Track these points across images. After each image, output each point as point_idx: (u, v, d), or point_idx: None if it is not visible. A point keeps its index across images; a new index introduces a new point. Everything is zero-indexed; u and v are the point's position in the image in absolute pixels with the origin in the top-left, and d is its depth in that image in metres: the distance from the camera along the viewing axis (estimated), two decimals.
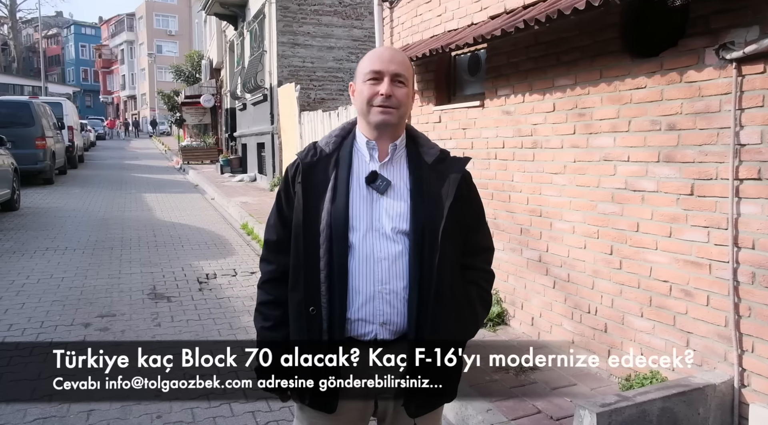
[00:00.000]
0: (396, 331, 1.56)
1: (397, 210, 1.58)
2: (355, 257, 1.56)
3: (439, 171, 1.62)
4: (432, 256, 1.55)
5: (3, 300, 5.06)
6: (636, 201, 3.26)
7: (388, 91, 1.55)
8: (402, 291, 1.55)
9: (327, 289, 1.55)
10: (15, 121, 12.50)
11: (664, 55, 3.06)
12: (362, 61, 1.65)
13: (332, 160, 1.62)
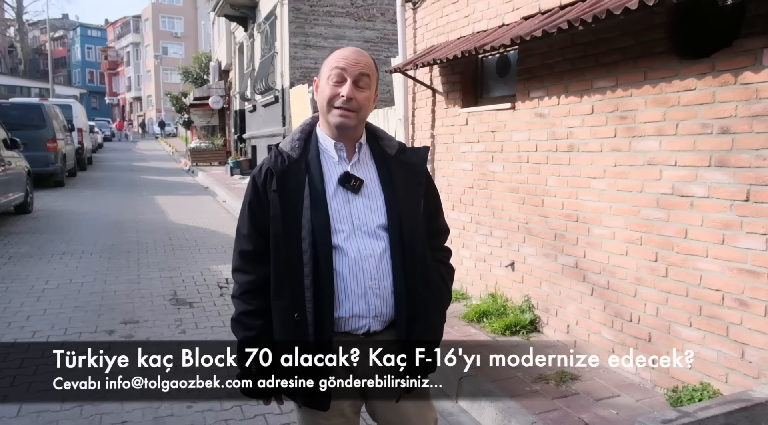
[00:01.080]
0: (385, 321, 1.64)
1: (373, 206, 1.64)
2: (342, 259, 1.59)
3: (402, 161, 1.70)
4: (413, 246, 1.63)
5: (24, 306, 4.99)
6: (684, 207, 3.16)
7: (349, 94, 1.58)
8: (390, 284, 1.62)
9: (312, 295, 1.58)
10: (26, 123, 12.44)
11: (716, 56, 2.96)
12: (327, 59, 1.65)
13: (302, 165, 1.63)
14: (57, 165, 13.16)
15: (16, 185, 9.26)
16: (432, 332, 1.70)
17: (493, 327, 4.31)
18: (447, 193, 5.44)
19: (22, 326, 4.52)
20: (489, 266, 4.88)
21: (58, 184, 13.41)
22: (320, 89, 1.63)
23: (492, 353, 3.91)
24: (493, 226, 4.80)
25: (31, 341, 4.22)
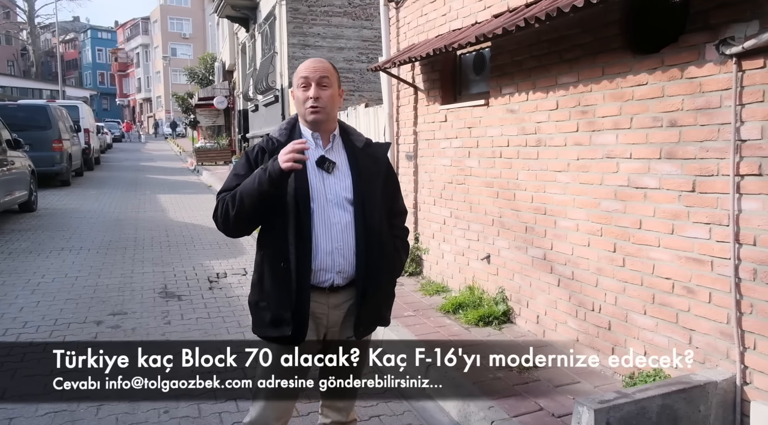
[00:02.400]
0: (347, 278, 2.01)
1: (342, 184, 2.01)
2: (315, 222, 1.96)
3: (368, 153, 2.08)
4: (372, 220, 2.00)
5: (18, 299, 5.17)
6: (638, 198, 3.26)
7: (315, 94, 1.96)
8: (352, 247, 1.99)
9: (294, 248, 1.92)
10: (32, 124, 12.70)
11: (665, 51, 3.06)
12: (296, 72, 2.04)
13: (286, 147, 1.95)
14: (62, 165, 13.41)
15: (20, 184, 9.49)
16: (382, 291, 2.08)
17: (468, 319, 4.43)
18: (429, 189, 5.56)
19: (14, 317, 4.70)
20: (467, 259, 4.99)
21: (64, 184, 13.67)
22: (295, 96, 2.03)
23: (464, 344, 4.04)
24: (470, 220, 4.91)
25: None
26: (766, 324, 2.61)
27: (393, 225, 2.14)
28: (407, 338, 4.13)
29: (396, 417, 3.23)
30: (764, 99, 2.59)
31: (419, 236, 5.78)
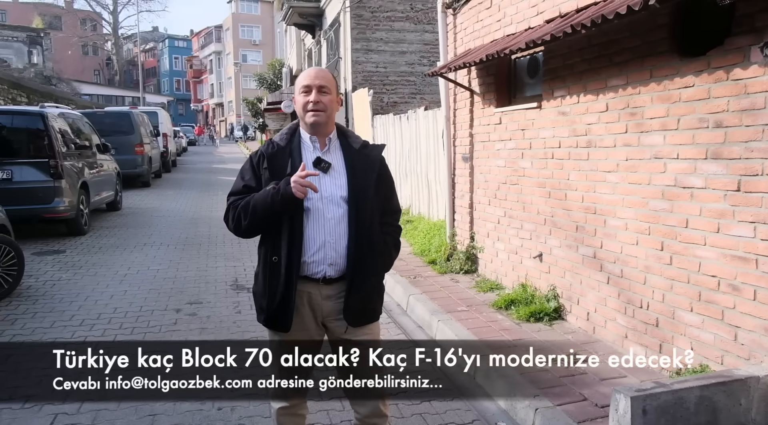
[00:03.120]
0: (339, 270, 2.16)
1: (338, 183, 2.16)
2: (310, 218, 2.12)
3: (364, 154, 2.23)
4: (363, 216, 2.15)
5: (109, 288, 5.74)
6: (685, 197, 3.33)
7: (315, 99, 2.13)
8: (344, 241, 2.14)
9: (287, 243, 2.10)
10: (117, 129, 13.69)
11: (711, 54, 3.12)
12: (298, 78, 2.21)
13: (287, 150, 2.19)
14: (144, 167, 14.38)
15: (108, 185, 10.33)
16: (369, 282, 2.21)
17: (519, 315, 4.57)
18: (484, 189, 5.73)
19: (105, 303, 5.24)
20: (520, 258, 5.13)
21: (145, 185, 14.64)
22: (296, 101, 2.20)
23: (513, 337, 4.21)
24: (523, 220, 5.04)
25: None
26: None
27: (386, 223, 2.27)
28: (459, 331, 4.33)
29: (445, 402, 3.44)
30: None
31: (474, 235, 5.95)
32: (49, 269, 6.53)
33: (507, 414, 3.37)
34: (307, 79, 2.15)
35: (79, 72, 48.05)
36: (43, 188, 7.85)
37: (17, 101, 15.84)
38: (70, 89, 32.85)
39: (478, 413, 3.36)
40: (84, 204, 8.71)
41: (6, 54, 35.45)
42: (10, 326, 4.70)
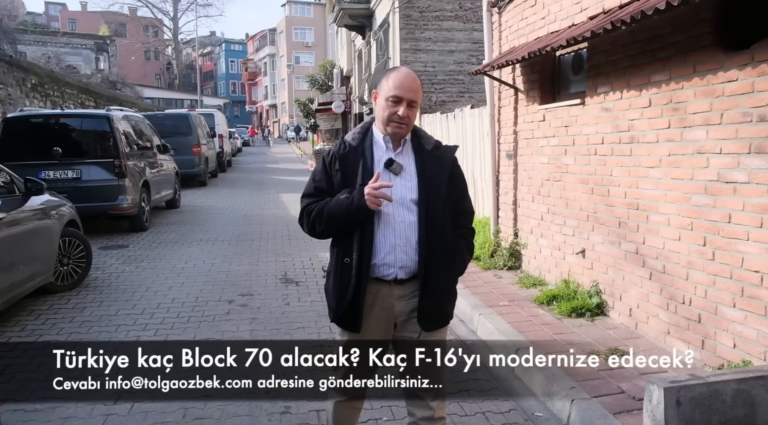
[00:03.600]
0: (409, 273, 2.15)
1: (408, 185, 2.15)
2: (381, 221, 2.11)
3: (436, 155, 2.20)
4: (434, 219, 2.13)
5: (168, 280, 6.09)
6: (728, 192, 3.30)
7: (404, 114, 2.10)
8: (414, 244, 2.13)
9: (358, 245, 2.11)
10: (176, 131, 14.31)
11: (755, 47, 3.10)
12: (387, 81, 2.14)
13: (358, 151, 2.17)
14: (200, 167, 14.97)
15: (167, 184, 10.85)
16: (442, 286, 2.18)
17: (560, 310, 4.60)
18: (528, 186, 5.76)
19: (164, 294, 5.57)
20: (563, 254, 5.14)
21: (201, 184, 15.23)
22: (381, 105, 2.15)
23: (553, 331, 4.26)
24: (566, 216, 5.06)
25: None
26: None
27: (458, 225, 2.23)
28: (500, 325, 4.40)
29: (483, 392, 3.52)
30: None
31: (518, 232, 5.99)
32: (113, 262, 6.96)
33: (544, 404, 3.43)
34: (400, 90, 2.10)
35: (141, 76, 50.19)
36: (109, 186, 8.35)
37: (86, 105, 16.78)
38: (133, 93, 34.38)
39: (515, 403, 3.44)
40: (145, 201, 9.19)
41: (76, 61, 37.44)
42: (79, 313, 5.08)
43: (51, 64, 27.10)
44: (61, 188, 7.19)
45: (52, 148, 8.06)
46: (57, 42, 38.92)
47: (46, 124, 8.68)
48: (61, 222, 5.72)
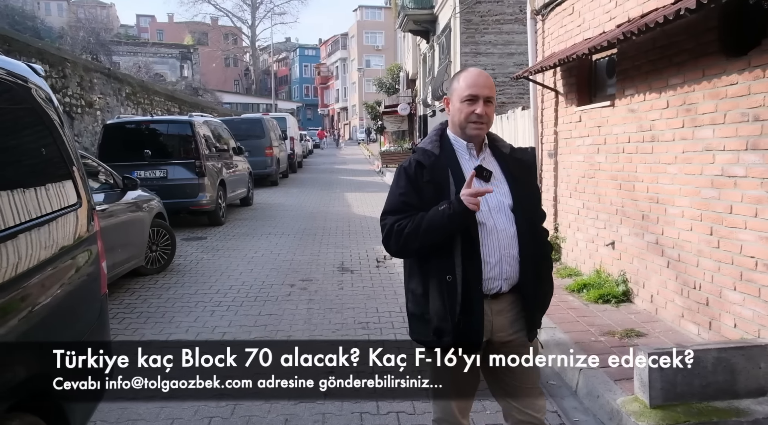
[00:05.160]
0: (511, 284, 2.03)
1: (501, 191, 2.05)
2: (484, 232, 1.99)
3: (515, 158, 2.12)
4: (532, 224, 2.06)
5: (239, 266, 6.88)
6: (730, 186, 3.61)
7: (482, 112, 2.00)
8: (516, 253, 2.02)
9: (461, 261, 1.96)
10: (251, 133, 15.36)
11: (751, 54, 3.40)
12: (459, 82, 2.05)
13: (442, 159, 2.05)
14: (272, 168, 15.98)
15: (241, 183, 11.82)
16: (548, 295, 2.16)
17: (588, 296, 4.96)
18: (566, 183, 6.11)
19: (236, 278, 6.34)
20: (596, 246, 5.47)
21: (273, 184, 16.25)
22: (456, 108, 2.05)
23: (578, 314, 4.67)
24: (599, 211, 5.39)
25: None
26: None
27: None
28: None
29: None
30: None
31: (558, 226, 6.34)
32: (194, 251, 7.86)
33: (558, 375, 3.85)
34: (474, 88, 2.00)
35: (221, 82, 52.91)
36: (190, 185, 9.32)
37: (171, 111, 18.26)
38: (213, 98, 36.48)
39: None
40: (222, 199, 10.14)
41: (162, 69, 40.21)
42: (165, 291, 5.92)
43: (141, 72, 29.38)
44: (150, 186, 8.17)
45: (143, 150, 9.12)
46: (146, 52, 41.90)
47: (138, 129, 9.81)
48: (151, 214, 6.62)
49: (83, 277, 2.32)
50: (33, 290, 1.92)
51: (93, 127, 12.32)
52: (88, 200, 2.53)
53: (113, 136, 9.35)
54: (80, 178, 2.49)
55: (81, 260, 2.31)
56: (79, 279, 2.28)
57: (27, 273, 1.88)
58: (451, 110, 2.10)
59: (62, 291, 2.10)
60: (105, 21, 43.14)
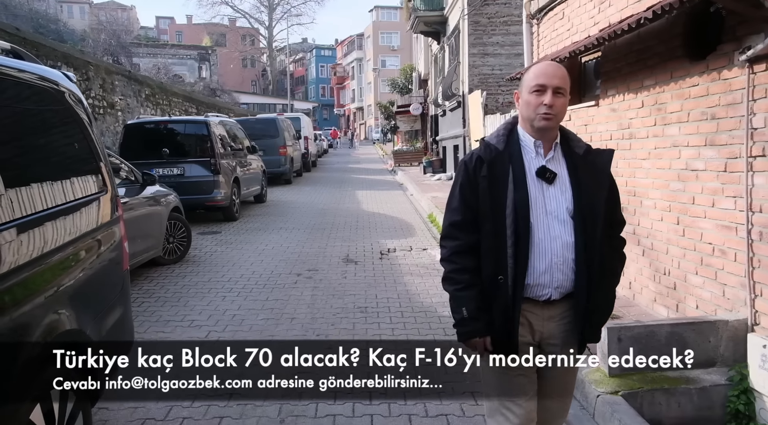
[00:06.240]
0: (563, 292, 1.96)
1: (564, 196, 1.95)
2: (535, 236, 1.92)
3: (589, 161, 1.99)
4: (593, 234, 1.92)
5: (250, 258, 7.31)
6: (692, 179, 3.93)
7: (550, 102, 1.90)
8: (571, 262, 1.93)
9: (514, 262, 1.91)
10: (265, 133, 15.82)
11: (709, 58, 3.73)
12: (528, 74, 1.98)
13: (505, 155, 1.96)
14: (286, 166, 16.44)
15: (255, 181, 12.28)
16: (602, 307, 2.02)
17: None
18: None
19: (247, 268, 6.77)
20: None
21: (287, 182, 16.70)
22: (524, 101, 1.95)
23: None
24: None
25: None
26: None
27: (611, 236, 2.03)
28: None
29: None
30: (767, 94, 3.22)
31: None
32: (208, 244, 8.31)
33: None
34: (542, 78, 1.92)
35: (238, 83, 53.65)
36: (206, 182, 9.79)
37: (189, 112, 18.83)
38: (230, 99, 37.14)
39: None
40: (236, 195, 10.59)
41: (181, 70, 40.97)
42: (182, 279, 6.36)
43: (160, 74, 30.09)
44: (168, 183, 8.64)
45: (161, 149, 9.60)
46: (165, 53, 42.68)
47: (156, 129, 10.31)
48: (168, 208, 7.08)
49: (111, 251, 2.75)
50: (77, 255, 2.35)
51: (114, 127, 12.88)
52: (113, 188, 2.96)
53: (133, 136, 9.85)
54: (106, 169, 2.92)
55: (109, 237, 2.74)
56: (108, 252, 2.70)
57: (72, 242, 2.31)
58: (520, 104, 2.00)
59: (97, 260, 2.53)
60: (126, 23, 44.02)
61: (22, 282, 2.00)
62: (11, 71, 2.22)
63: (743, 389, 3.17)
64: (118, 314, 2.84)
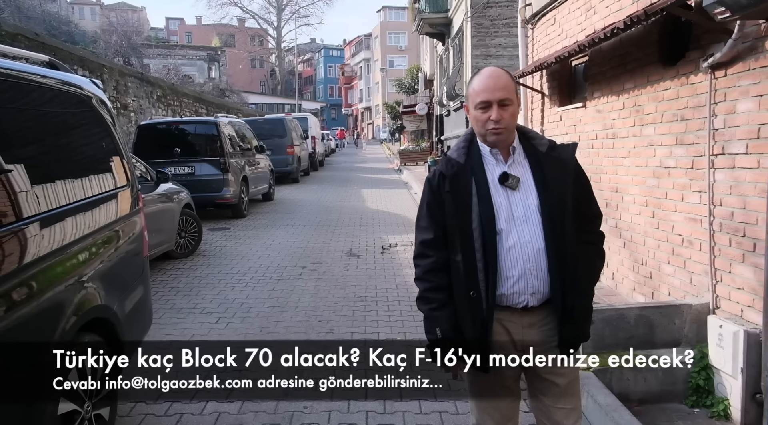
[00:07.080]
0: (541, 298, 1.93)
1: (529, 200, 1.92)
2: (505, 244, 1.89)
3: (553, 157, 1.96)
4: (563, 234, 1.89)
5: (258, 252, 7.68)
6: (665, 175, 4.25)
7: (497, 117, 1.88)
8: (545, 267, 1.90)
9: (484, 275, 1.89)
10: (273, 133, 16.20)
11: (679, 64, 4.04)
12: (472, 88, 1.94)
13: (468, 168, 1.94)
14: (293, 165, 16.81)
15: (263, 180, 12.66)
16: (584, 305, 1.98)
17: None
18: None
19: (254, 261, 7.14)
20: None
21: (294, 181, 17.08)
22: (472, 116, 1.96)
23: None
24: None
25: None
26: (727, 263, 3.54)
27: (585, 231, 1.99)
28: None
29: None
30: (725, 98, 3.53)
31: None
32: (218, 240, 8.69)
33: None
34: (485, 94, 1.89)
35: (247, 84, 54.12)
36: (215, 180, 10.17)
37: (199, 112, 19.26)
38: (239, 99, 37.58)
39: None
40: (244, 193, 10.98)
41: (191, 71, 41.45)
42: (193, 271, 6.74)
43: (170, 75, 30.55)
44: (180, 181, 9.01)
45: (173, 148, 9.99)
46: (175, 54, 43.17)
47: (168, 129, 10.71)
48: (180, 204, 7.46)
49: (133, 239, 3.11)
50: (107, 241, 2.71)
51: (127, 127, 13.30)
52: (134, 182, 3.32)
53: (146, 136, 10.25)
54: (128, 165, 3.28)
55: (132, 226, 3.11)
56: (131, 239, 3.07)
57: (100, 229, 2.67)
58: (470, 118, 2.00)
59: (122, 246, 2.90)
60: (136, 24, 44.57)
61: (60, 261, 2.36)
62: (53, 82, 2.58)
63: (703, 366, 3.47)
64: (139, 295, 3.20)
